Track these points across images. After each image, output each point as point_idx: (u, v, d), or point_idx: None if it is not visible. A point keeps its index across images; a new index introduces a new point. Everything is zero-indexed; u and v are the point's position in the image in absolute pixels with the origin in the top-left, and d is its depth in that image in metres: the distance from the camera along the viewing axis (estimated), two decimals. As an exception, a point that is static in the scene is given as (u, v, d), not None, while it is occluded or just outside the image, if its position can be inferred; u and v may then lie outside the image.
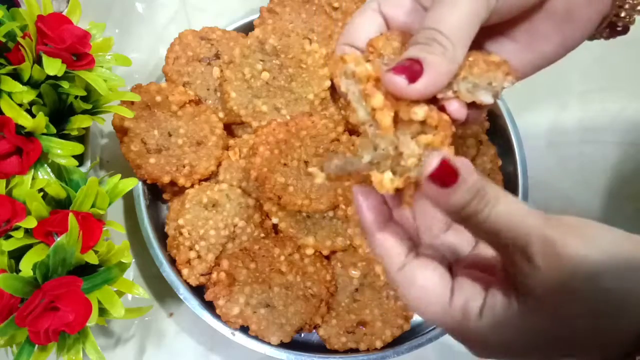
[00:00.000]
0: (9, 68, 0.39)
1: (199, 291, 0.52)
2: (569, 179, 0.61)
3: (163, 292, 0.49)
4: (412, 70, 0.27)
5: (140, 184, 0.50)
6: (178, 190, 0.52)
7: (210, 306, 0.49)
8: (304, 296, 0.48)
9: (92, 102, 0.44)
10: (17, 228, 0.37)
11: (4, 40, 0.40)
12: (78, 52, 0.41)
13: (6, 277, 0.34)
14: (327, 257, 0.51)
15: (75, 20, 0.43)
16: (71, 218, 0.36)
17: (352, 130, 0.53)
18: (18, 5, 0.45)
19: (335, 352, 0.49)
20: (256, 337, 0.48)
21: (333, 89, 0.53)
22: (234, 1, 0.61)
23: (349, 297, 0.50)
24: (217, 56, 0.54)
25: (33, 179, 0.39)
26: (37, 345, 0.37)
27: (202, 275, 0.48)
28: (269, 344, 0.48)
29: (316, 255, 0.50)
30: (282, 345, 0.48)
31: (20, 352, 0.36)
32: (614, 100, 0.64)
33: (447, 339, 0.53)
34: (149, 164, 0.50)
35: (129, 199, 0.52)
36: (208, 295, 0.47)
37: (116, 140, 0.56)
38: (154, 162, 0.50)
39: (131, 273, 0.54)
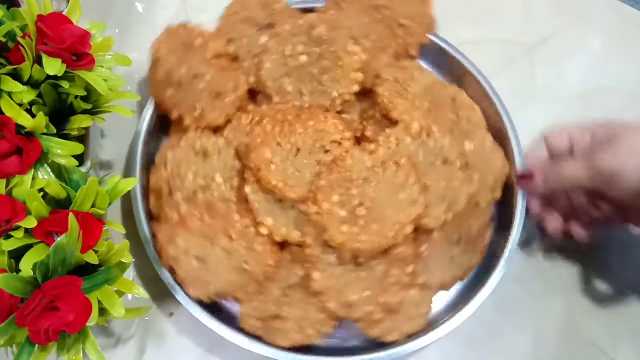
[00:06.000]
0: (9, 68, 0.39)
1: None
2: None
3: (163, 292, 0.49)
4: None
5: (137, 185, 0.50)
6: (183, 130, 0.53)
7: (210, 307, 0.49)
8: (239, 268, 0.47)
9: (92, 102, 0.44)
10: (17, 228, 0.37)
11: (4, 40, 0.40)
12: (78, 52, 0.41)
13: (6, 277, 0.34)
14: (282, 247, 0.50)
15: (75, 20, 0.43)
16: (71, 218, 0.36)
17: (360, 139, 0.53)
18: (18, 5, 0.45)
19: (335, 352, 0.49)
20: (256, 338, 0.48)
21: (361, 96, 0.53)
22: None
23: (281, 289, 0.49)
24: (271, 26, 0.54)
25: (33, 178, 0.39)
26: (37, 345, 0.37)
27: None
28: (268, 344, 0.48)
29: (270, 239, 0.49)
30: (283, 347, 0.48)
31: (20, 352, 0.36)
32: (614, 100, 0.64)
33: (446, 340, 0.53)
34: (166, 95, 0.51)
35: (127, 199, 0.52)
36: (153, 227, 0.48)
37: (116, 140, 0.57)
38: (170, 94, 0.51)
39: (131, 273, 0.54)
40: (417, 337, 0.48)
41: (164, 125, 0.55)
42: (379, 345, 0.49)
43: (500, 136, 0.55)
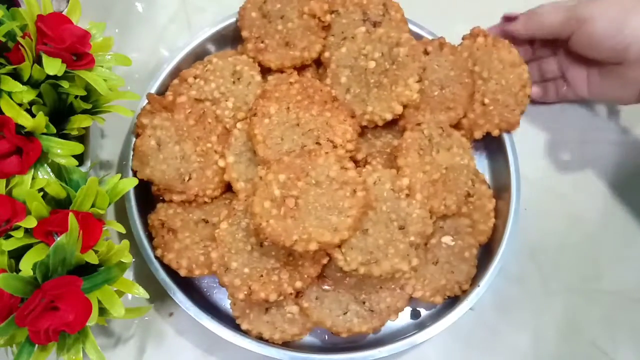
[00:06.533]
0: (9, 68, 0.39)
1: (196, 293, 0.52)
2: (568, 179, 0.61)
3: (163, 292, 0.49)
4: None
5: (132, 190, 0.50)
6: (242, 52, 0.55)
7: (208, 308, 0.49)
8: (181, 175, 0.49)
9: (92, 102, 0.44)
10: (17, 228, 0.37)
11: (4, 40, 0.40)
12: (78, 52, 0.41)
13: (6, 277, 0.34)
14: (227, 189, 0.51)
15: (75, 20, 0.43)
16: (71, 218, 0.36)
17: (356, 161, 0.51)
18: (18, 5, 0.45)
19: (334, 351, 0.50)
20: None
21: (397, 133, 0.53)
22: (234, 1, 0.60)
23: (197, 218, 0.50)
24: (375, 24, 0.54)
25: (33, 178, 0.39)
26: (37, 345, 0.37)
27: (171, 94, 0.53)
28: (268, 343, 0.48)
29: (221, 174, 0.50)
30: (281, 345, 0.49)
31: (20, 352, 0.36)
32: (614, 100, 0.64)
33: (447, 339, 0.53)
34: (250, 15, 0.54)
35: (121, 200, 0.52)
36: (152, 97, 0.51)
37: (116, 140, 0.57)
38: (254, 17, 0.54)
39: (131, 272, 0.54)
40: (412, 334, 0.49)
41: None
42: (374, 343, 0.50)
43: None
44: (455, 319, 0.49)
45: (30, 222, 0.37)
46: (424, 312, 0.53)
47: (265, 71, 0.54)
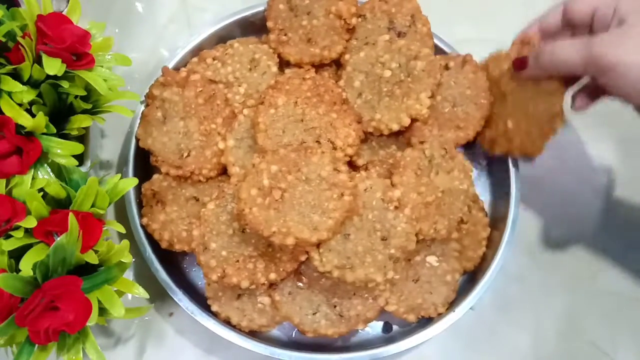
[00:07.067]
0: (9, 68, 0.39)
1: (196, 293, 0.52)
2: (569, 179, 0.61)
3: (163, 292, 0.49)
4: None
5: (132, 190, 0.50)
6: (264, 42, 0.56)
7: (208, 308, 0.49)
8: (180, 150, 0.50)
9: (92, 102, 0.44)
10: (17, 228, 0.37)
11: (4, 39, 0.40)
12: (78, 52, 0.41)
13: (6, 276, 0.34)
14: (223, 172, 0.52)
15: (75, 20, 0.43)
16: (71, 218, 0.36)
17: (357, 167, 0.51)
18: (18, 5, 0.45)
19: (333, 351, 0.50)
20: (253, 336, 0.48)
21: (403, 145, 0.52)
22: (234, 1, 0.61)
23: (190, 195, 0.51)
24: (400, 34, 0.54)
25: (33, 178, 0.39)
26: (37, 345, 0.37)
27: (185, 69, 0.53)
28: (269, 343, 0.48)
29: (219, 156, 0.50)
30: (282, 345, 0.49)
31: (20, 352, 0.36)
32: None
33: (447, 338, 0.53)
34: (278, 6, 0.54)
35: (120, 200, 0.52)
36: (167, 71, 0.51)
37: (116, 140, 0.57)
38: (281, 9, 0.54)
39: (131, 272, 0.54)
40: (415, 333, 0.49)
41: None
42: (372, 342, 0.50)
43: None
44: (456, 319, 0.49)
45: (30, 222, 0.37)
46: (396, 328, 0.53)
47: (284, 64, 0.55)
